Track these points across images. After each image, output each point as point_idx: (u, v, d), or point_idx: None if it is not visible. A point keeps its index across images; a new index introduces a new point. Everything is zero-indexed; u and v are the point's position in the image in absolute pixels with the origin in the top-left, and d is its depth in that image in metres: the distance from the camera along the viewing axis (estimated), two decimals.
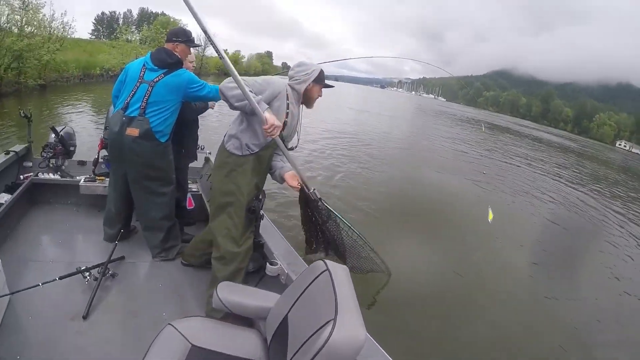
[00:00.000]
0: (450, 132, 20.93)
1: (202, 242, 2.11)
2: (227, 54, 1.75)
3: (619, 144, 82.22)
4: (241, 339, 1.30)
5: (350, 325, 0.92)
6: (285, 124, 1.79)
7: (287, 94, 1.78)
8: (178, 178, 2.31)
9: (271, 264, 1.86)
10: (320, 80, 1.86)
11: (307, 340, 0.93)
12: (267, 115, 1.63)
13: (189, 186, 2.74)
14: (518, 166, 12.83)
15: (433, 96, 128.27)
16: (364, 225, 4.08)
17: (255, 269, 2.07)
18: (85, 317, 1.70)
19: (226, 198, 1.80)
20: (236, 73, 1.61)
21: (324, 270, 1.11)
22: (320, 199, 2.18)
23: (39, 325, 1.62)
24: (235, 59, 64.31)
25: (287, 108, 1.79)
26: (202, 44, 23.32)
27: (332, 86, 1.95)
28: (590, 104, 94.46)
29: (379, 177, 7.38)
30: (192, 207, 2.63)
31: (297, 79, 1.82)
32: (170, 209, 2.27)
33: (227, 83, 1.65)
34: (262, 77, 1.79)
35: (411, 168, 9.24)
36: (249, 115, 1.72)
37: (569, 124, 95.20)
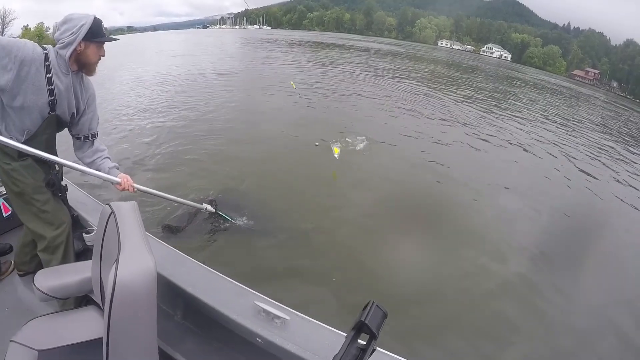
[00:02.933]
0: (284, 56, 21.56)
1: (27, 245, 1.83)
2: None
3: (441, 43, 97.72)
4: (82, 322, 1.24)
5: (134, 260, 0.93)
6: (54, 102, 1.48)
7: (47, 64, 1.42)
8: None
9: (87, 232, 1.76)
10: (96, 35, 1.47)
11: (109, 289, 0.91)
12: (121, 178, 1.72)
13: None
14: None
15: (258, 26, 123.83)
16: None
17: (85, 246, 1.90)
18: None
19: (15, 187, 1.56)
20: None
21: (110, 213, 1.10)
22: (216, 210, 2.93)
23: None
24: (40, 33, 50.52)
25: (50, 83, 1.43)
26: None
27: (115, 39, 1.60)
28: (411, 12, 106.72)
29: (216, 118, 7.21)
30: (9, 212, 2.14)
31: (62, 42, 1.45)
32: None
33: None
34: (5, 39, 1.34)
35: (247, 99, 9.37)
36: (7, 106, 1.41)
37: (393, 31, 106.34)
